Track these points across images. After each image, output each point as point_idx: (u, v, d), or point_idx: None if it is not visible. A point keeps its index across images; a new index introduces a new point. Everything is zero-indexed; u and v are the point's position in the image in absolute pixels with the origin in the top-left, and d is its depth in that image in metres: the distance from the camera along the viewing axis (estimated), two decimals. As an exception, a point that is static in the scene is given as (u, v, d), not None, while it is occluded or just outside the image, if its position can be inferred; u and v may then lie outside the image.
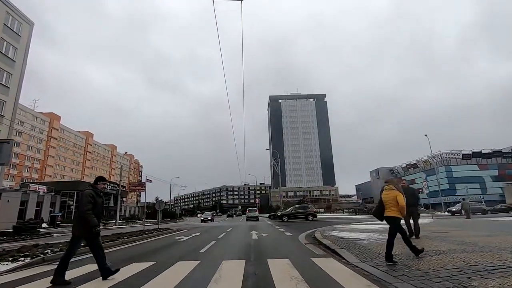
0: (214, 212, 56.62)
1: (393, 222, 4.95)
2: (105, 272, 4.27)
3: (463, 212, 23.53)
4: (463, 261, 4.49)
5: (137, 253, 7.47)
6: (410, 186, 8.03)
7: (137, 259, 6.12)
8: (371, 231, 10.47)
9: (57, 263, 6.20)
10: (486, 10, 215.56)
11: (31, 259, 6.13)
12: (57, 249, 7.21)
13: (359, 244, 6.92)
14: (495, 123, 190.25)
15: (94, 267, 5.39)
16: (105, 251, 7.88)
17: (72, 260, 6.56)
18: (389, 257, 4.77)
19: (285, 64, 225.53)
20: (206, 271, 4.80)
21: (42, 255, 6.46)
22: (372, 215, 5.95)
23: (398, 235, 4.96)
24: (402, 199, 4.84)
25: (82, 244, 4.77)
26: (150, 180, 18.05)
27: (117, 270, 4.43)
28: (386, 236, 8.52)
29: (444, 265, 4.31)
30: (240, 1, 6.82)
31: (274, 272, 4.55)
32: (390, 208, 4.92)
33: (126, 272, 4.70)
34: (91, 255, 7.32)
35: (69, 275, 4.77)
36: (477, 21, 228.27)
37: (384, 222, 5.11)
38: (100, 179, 4.64)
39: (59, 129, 71.52)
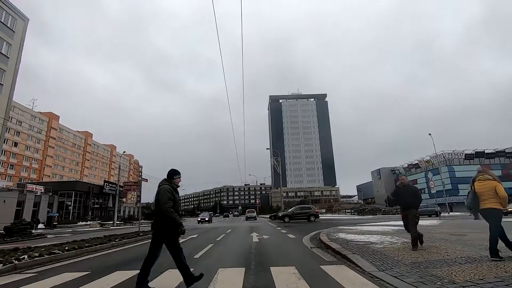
0: (212, 212, 55.68)
1: (493, 214, 4.49)
2: (189, 278, 3.66)
3: (470, 212, 22.79)
4: (505, 272, 3.76)
5: (124, 258, 6.75)
6: (410, 184, 6.77)
7: (121, 267, 5.40)
8: (381, 233, 9.73)
9: (31, 271, 5.54)
10: (489, 9, 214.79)
11: (2, 265, 5.42)
12: (36, 254, 6.49)
13: (372, 249, 6.20)
14: (498, 122, 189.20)
15: (71, 276, 4.70)
16: (90, 256, 7.26)
17: (46, 268, 5.86)
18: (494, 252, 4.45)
19: (286, 63, 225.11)
20: (199, 283, 4.08)
21: (16, 262, 5.74)
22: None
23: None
24: (502, 190, 4.41)
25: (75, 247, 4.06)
26: (146, 180, 17.35)
27: (201, 276, 3.83)
28: (399, 239, 7.85)
29: (483, 276, 3.58)
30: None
31: (279, 283, 3.84)
32: (489, 199, 4.48)
33: (103, 283, 3.99)
34: (72, 261, 6.70)
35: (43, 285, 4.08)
36: (480, 19, 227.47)
37: (393, 223, 4.57)
38: (175, 172, 3.98)
39: (57, 129, 70.91)
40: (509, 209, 20.70)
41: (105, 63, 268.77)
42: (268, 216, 39.37)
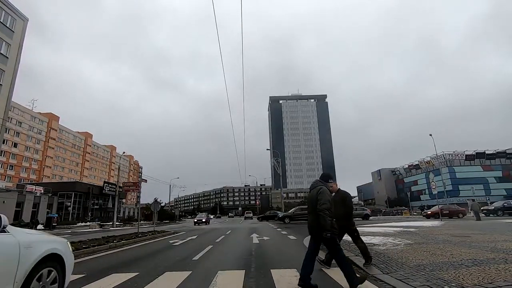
0: (208, 213, 55.19)
1: None
2: (351, 278, 3.42)
3: (472, 213, 22.65)
4: (515, 275, 3.63)
5: (121, 260, 6.61)
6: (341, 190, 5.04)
7: (118, 269, 5.27)
8: (383, 234, 9.59)
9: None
10: (495, 7, 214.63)
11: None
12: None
13: (375, 251, 6.06)
14: (499, 123, 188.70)
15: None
16: (87, 258, 7.12)
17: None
18: None
19: (286, 64, 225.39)
20: (197, 286, 3.96)
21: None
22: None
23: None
24: None
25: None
26: (146, 180, 17.23)
27: (365, 277, 3.72)
28: (402, 240, 7.69)
29: (493, 280, 3.45)
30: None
31: (280, 287, 3.71)
32: None
33: (97, 287, 3.85)
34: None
35: None
36: (483, 18, 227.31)
37: (394, 224, 4.34)
38: (331, 177, 4.03)
39: (57, 130, 70.77)
40: None
41: (105, 63, 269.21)
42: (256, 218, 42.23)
